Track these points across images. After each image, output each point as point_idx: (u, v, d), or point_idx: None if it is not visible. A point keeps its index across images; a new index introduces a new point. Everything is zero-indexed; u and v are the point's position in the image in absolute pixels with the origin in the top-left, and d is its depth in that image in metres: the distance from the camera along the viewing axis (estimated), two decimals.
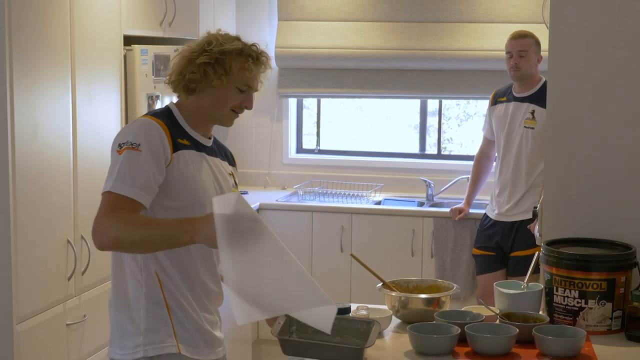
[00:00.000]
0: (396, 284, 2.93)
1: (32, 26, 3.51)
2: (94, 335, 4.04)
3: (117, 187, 2.35)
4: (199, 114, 2.55)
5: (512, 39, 4.80)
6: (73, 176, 3.82)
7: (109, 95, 4.14)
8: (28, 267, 3.51)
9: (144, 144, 2.38)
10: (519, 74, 4.76)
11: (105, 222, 2.31)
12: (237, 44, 2.51)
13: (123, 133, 2.45)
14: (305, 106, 6.32)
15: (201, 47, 2.51)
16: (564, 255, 2.81)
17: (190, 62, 2.50)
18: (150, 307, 2.47)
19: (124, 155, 2.38)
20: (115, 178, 2.36)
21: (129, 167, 2.36)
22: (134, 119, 2.53)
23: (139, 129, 2.42)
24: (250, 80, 2.53)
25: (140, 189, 2.35)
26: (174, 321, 2.47)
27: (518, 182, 4.77)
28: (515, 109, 4.81)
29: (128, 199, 2.34)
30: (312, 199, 5.65)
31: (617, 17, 2.99)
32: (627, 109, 3.00)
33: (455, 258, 5.19)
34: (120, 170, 2.37)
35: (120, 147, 2.40)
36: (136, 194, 2.35)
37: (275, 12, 5.98)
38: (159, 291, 2.47)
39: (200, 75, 2.48)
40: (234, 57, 2.49)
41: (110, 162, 2.44)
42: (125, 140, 2.40)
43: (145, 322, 2.47)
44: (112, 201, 2.34)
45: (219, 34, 2.55)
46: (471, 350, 2.54)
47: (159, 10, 4.64)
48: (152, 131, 2.41)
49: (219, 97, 2.52)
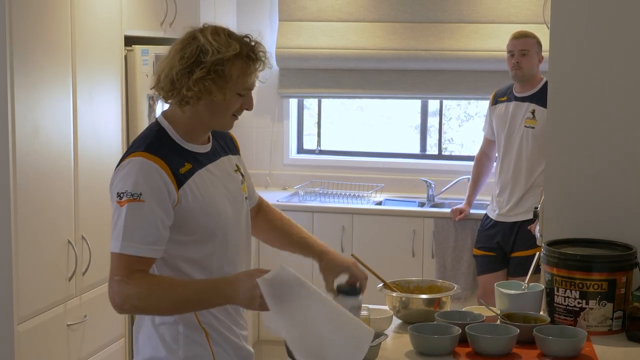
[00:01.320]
0: (397, 284, 2.93)
1: (33, 26, 3.51)
2: (94, 336, 4.05)
3: (127, 247, 2.20)
4: (196, 124, 2.34)
5: (514, 39, 4.81)
6: (74, 176, 3.83)
7: (109, 95, 4.15)
8: (29, 268, 3.51)
9: (145, 193, 2.20)
10: (520, 74, 4.76)
11: (124, 289, 2.18)
12: (234, 46, 2.25)
13: (120, 179, 2.25)
14: (306, 106, 6.32)
15: (195, 57, 2.25)
16: (565, 256, 2.80)
17: (184, 76, 2.25)
18: (188, 333, 2.33)
19: (126, 209, 2.20)
20: (123, 237, 2.20)
21: (134, 222, 2.20)
22: (129, 159, 2.26)
23: (137, 176, 2.21)
24: (251, 83, 2.32)
25: (151, 244, 2.21)
26: (212, 345, 2.35)
27: (518, 182, 4.77)
28: (516, 108, 4.81)
29: (140, 258, 2.20)
30: (312, 200, 5.64)
31: (617, 17, 2.99)
32: (628, 109, 3.00)
33: (456, 258, 5.19)
34: (126, 227, 2.20)
35: (120, 198, 2.22)
36: (148, 251, 2.21)
37: (276, 13, 5.98)
38: (191, 315, 2.32)
39: (199, 92, 2.25)
40: (233, 63, 2.25)
41: (111, 208, 2.28)
42: (124, 190, 2.21)
43: (184, 349, 2.33)
44: (124, 263, 2.20)
45: (210, 35, 2.27)
46: (472, 350, 2.54)
47: (160, 10, 4.64)
48: (152, 175, 2.22)
49: (219, 106, 2.30)
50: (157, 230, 2.22)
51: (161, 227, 2.22)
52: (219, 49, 2.24)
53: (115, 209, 2.24)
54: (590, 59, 3.02)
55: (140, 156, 2.25)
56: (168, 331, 2.33)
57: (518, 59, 4.74)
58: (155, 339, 2.35)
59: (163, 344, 2.34)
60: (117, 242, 2.22)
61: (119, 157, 4.25)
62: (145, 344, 2.37)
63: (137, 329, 2.42)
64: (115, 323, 4.26)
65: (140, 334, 2.39)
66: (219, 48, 2.24)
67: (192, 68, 2.25)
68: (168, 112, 2.40)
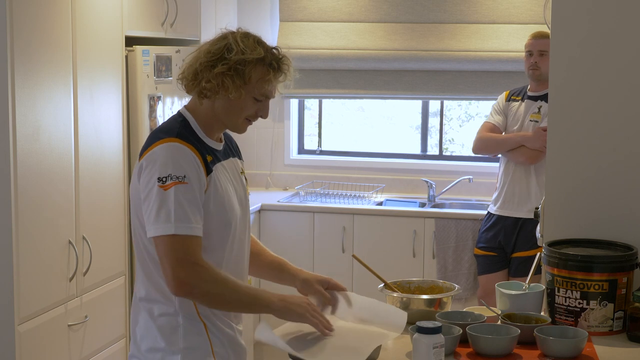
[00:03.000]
0: (398, 284, 2.93)
1: (34, 27, 3.51)
2: (95, 336, 4.05)
3: (181, 227, 2.25)
4: (212, 119, 2.43)
5: (533, 38, 4.78)
6: (74, 177, 3.83)
7: (110, 96, 4.15)
8: (30, 268, 3.52)
9: (188, 175, 2.28)
10: (537, 74, 4.75)
11: (201, 272, 2.26)
12: (259, 51, 2.37)
13: (160, 164, 2.30)
14: (307, 107, 6.32)
15: (220, 53, 2.36)
16: (566, 256, 2.80)
17: (206, 69, 2.35)
18: (187, 324, 2.38)
19: (174, 191, 2.26)
20: (175, 218, 2.25)
21: (183, 203, 2.26)
22: (162, 145, 2.33)
23: (176, 159, 2.29)
24: (269, 91, 2.42)
25: (199, 224, 2.29)
26: (210, 336, 2.40)
27: (522, 178, 4.78)
28: (528, 106, 4.82)
29: (193, 237, 2.27)
30: (313, 200, 5.65)
31: (618, 17, 2.98)
32: (629, 109, 3.00)
33: (457, 259, 5.19)
34: (177, 209, 2.25)
35: (164, 182, 2.27)
36: (198, 230, 2.28)
37: (277, 13, 5.98)
38: (191, 306, 2.38)
39: (216, 85, 2.34)
40: (254, 66, 2.36)
41: (145, 194, 2.31)
42: (167, 174, 2.27)
43: (183, 340, 2.38)
44: (183, 245, 2.25)
45: (239, 37, 2.39)
46: (473, 351, 2.54)
47: (161, 11, 4.64)
48: (190, 159, 2.31)
49: (234, 105, 2.39)
50: (201, 210, 2.31)
51: (202, 208, 2.32)
52: (244, 50, 2.36)
53: (157, 193, 2.28)
54: (590, 59, 3.02)
55: (175, 142, 2.33)
56: (167, 322, 2.38)
57: (536, 59, 4.73)
58: (154, 330, 2.40)
59: (162, 335, 2.39)
60: (169, 224, 2.26)
61: (119, 157, 4.29)
62: (143, 336, 2.42)
63: (133, 322, 2.46)
64: (116, 323, 4.26)
65: (138, 327, 2.44)
66: (244, 49, 2.36)
67: (215, 63, 2.36)
68: (190, 105, 2.47)
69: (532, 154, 4.69)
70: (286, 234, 5.36)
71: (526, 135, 4.72)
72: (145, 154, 2.35)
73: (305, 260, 5.32)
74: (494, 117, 4.94)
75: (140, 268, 2.44)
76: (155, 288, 2.40)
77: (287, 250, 4.95)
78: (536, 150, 4.65)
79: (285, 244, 5.29)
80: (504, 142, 4.81)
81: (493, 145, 4.88)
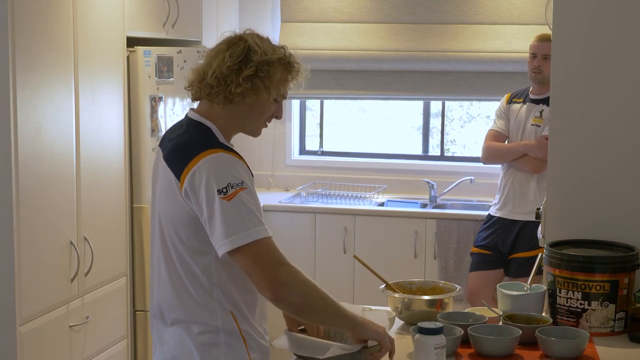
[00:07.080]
0: (399, 285, 2.93)
1: (35, 28, 3.51)
2: (97, 337, 4.05)
3: (260, 232, 2.21)
4: (232, 124, 2.37)
5: (538, 41, 4.76)
6: (76, 177, 3.83)
7: (111, 96, 4.15)
8: (31, 269, 3.52)
9: (245, 181, 2.25)
10: (539, 77, 4.74)
11: (287, 274, 2.20)
12: (279, 51, 2.35)
13: (214, 177, 2.21)
14: (308, 107, 6.32)
15: (244, 56, 2.30)
16: (567, 257, 2.80)
17: (232, 73, 2.28)
18: (228, 340, 2.31)
19: (242, 198, 2.21)
20: (259, 222, 2.22)
21: (253, 207, 2.23)
22: (205, 159, 2.24)
23: (231, 168, 2.24)
24: (286, 91, 2.39)
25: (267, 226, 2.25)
26: (249, 351, 2.33)
27: (523, 181, 4.77)
28: (529, 109, 4.81)
29: (272, 239, 2.24)
30: (315, 201, 5.65)
31: (620, 18, 2.98)
32: (630, 110, 3.00)
33: (458, 259, 5.19)
34: (249, 215, 2.21)
35: (226, 193, 2.20)
36: (270, 232, 2.25)
37: (278, 14, 5.98)
38: (233, 323, 2.32)
39: (247, 89, 2.28)
40: (277, 66, 2.33)
41: (208, 214, 2.21)
42: (226, 183, 2.20)
43: (225, 356, 2.30)
44: (269, 249, 2.22)
45: (255, 37, 2.35)
46: (474, 351, 2.54)
47: (162, 11, 4.64)
48: (240, 166, 2.28)
49: (256, 108, 2.35)
50: (262, 214, 2.28)
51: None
52: (266, 50, 2.32)
53: (221, 205, 2.19)
54: (592, 60, 3.02)
55: (220, 152, 2.27)
56: (208, 340, 2.30)
57: (540, 62, 4.71)
58: (191, 348, 2.31)
59: (200, 354, 2.30)
60: (255, 229, 2.21)
61: (121, 157, 4.29)
62: (175, 357, 2.33)
63: (160, 344, 2.37)
64: (118, 324, 4.26)
65: (168, 347, 2.35)
66: (265, 50, 2.32)
67: (241, 66, 2.30)
68: (203, 112, 2.38)
69: (537, 164, 4.68)
70: (287, 235, 5.35)
71: (529, 144, 4.72)
72: (187, 172, 2.25)
73: (307, 261, 5.32)
74: (497, 122, 4.95)
75: (169, 288, 2.33)
76: (196, 305, 2.30)
77: (288, 251, 4.88)
78: (540, 160, 4.64)
79: (287, 244, 5.25)
80: (508, 152, 4.82)
81: (498, 155, 4.89)
